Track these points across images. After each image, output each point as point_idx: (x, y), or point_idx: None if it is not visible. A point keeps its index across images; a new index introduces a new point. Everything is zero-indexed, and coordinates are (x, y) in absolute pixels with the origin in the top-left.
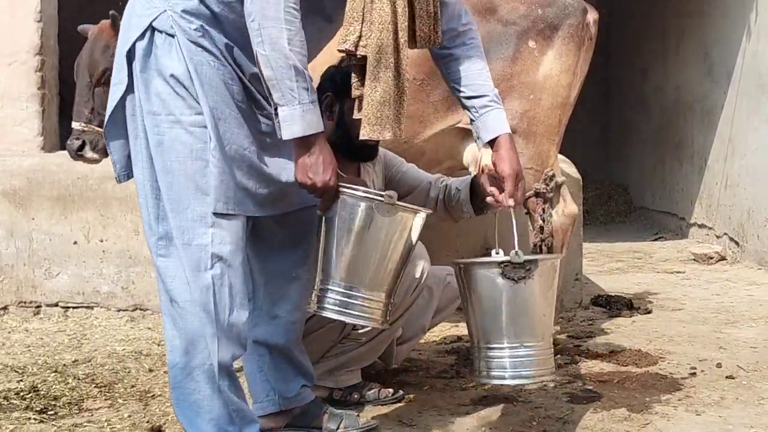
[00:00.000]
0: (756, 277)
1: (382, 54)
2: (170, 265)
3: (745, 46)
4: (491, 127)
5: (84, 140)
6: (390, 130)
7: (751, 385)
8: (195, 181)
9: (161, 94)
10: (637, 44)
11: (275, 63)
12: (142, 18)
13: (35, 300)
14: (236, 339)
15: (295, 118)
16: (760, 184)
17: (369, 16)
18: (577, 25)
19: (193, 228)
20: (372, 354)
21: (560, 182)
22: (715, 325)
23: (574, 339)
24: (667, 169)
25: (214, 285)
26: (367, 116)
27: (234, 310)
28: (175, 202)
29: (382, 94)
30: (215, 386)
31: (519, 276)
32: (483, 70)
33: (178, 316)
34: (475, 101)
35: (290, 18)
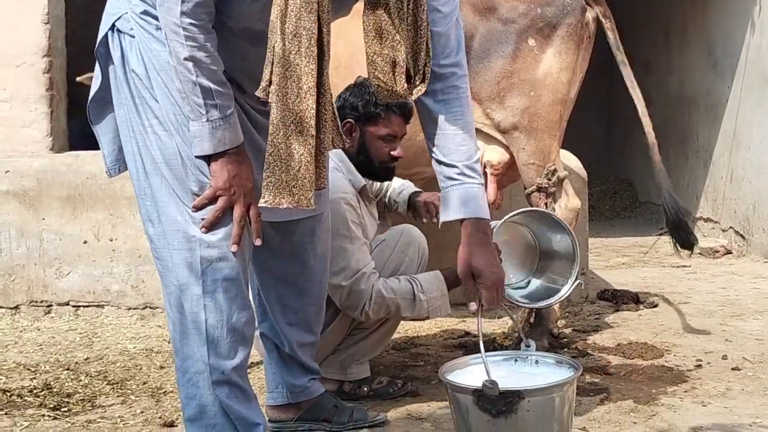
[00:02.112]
0: (762, 270)
1: (286, 106)
2: (164, 270)
3: (749, 40)
4: (452, 206)
5: None
6: (288, 198)
7: (757, 377)
8: (183, 183)
9: (135, 95)
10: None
11: (182, 77)
12: (108, 17)
13: (46, 299)
14: (239, 342)
15: (204, 134)
16: (765, 178)
17: (279, 58)
18: (576, 23)
19: (181, 231)
20: (381, 343)
21: (562, 177)
22: (720, 317)
23: (581, 333)
24: (672, 163)
25: (205, 294)
26: (266, 177)
27: (234, 314)
28: (164, 205)
29: (271, 152)
30: (216, 395)
31: (498, 410)
32: (458, 132)
33: (177, 323)
34: (444, 169)
35: (191, 35)
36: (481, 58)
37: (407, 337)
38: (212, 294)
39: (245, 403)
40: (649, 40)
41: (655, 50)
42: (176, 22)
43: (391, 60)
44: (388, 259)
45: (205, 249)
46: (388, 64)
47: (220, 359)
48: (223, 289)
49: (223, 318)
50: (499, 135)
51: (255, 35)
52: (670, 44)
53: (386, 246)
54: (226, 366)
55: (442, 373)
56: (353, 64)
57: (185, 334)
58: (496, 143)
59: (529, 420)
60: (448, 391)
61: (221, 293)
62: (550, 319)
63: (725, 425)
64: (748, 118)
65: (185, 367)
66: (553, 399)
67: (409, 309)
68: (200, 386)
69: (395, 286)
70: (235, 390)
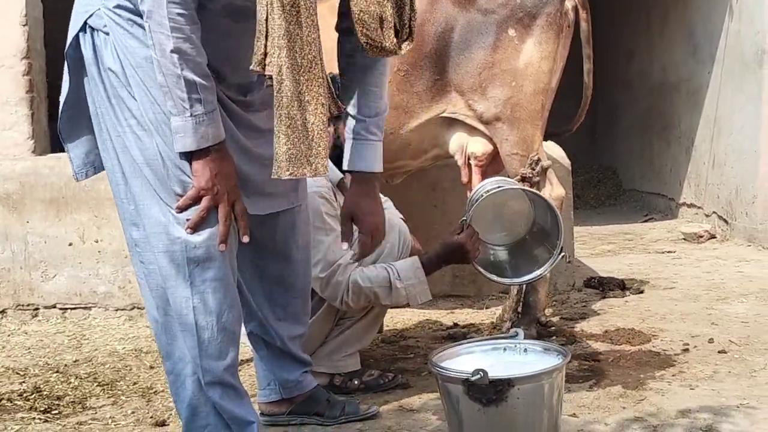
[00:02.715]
0: (745, 254)
1: (283, 77)
2: (148, 274)
3: (728, 25)
4: (352, 158)
5: None
6: (307, 168)
7: (743, 359)
8: (165, 183)
9: (111, 95)
10: (621, 27)
11: (166, 70)
12: (78, 16)
13: (33, 302)
14: (230, 341)
15: (187, 130)
16: (747, 162)
17: (271, 29)
18: (555, 12)
19: (165, 233)
20: (369, 331)
21: (546, 166)
22: (706, 302)
23: (568, 321)
24: (655, 150)
25: (193, 295)
26: (276, 153)
27: (224, 314)
28: (146, 207)
29: (287, 124)
30: (207, 395)
31: (488, 399)
32: (376, 90)
33: (164, 327)
34: (352, 121)
35: (177, 26)
36: (462, 49)
37: (396, 330)
38: (201, 295)
39: (237, 401)
40: (630, 29)
41: (636, 38)
42: (162, 12)
43: (378, 16)
44: None
45: (192, 250)
46: (375, 20)
47: (212, 360)
48: (211, 289)
49: (213, 319)
50: (481, 126)
51: (237, 11)
52: (651, 32)
53: None
54: (218, 367)
55: (432, 362)
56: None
57: (173, 337)
58: (479, 134)
59: (520, 407)
60: (438, 381)
61: (210, 294)
62: (537, 308)
63: (713, 407)
64: (729, 103)
65: (177, 370)
66: (542, 386)
67: (387, 297)
68: (191, 388)
69: (372, 275)
70: (227, 390)
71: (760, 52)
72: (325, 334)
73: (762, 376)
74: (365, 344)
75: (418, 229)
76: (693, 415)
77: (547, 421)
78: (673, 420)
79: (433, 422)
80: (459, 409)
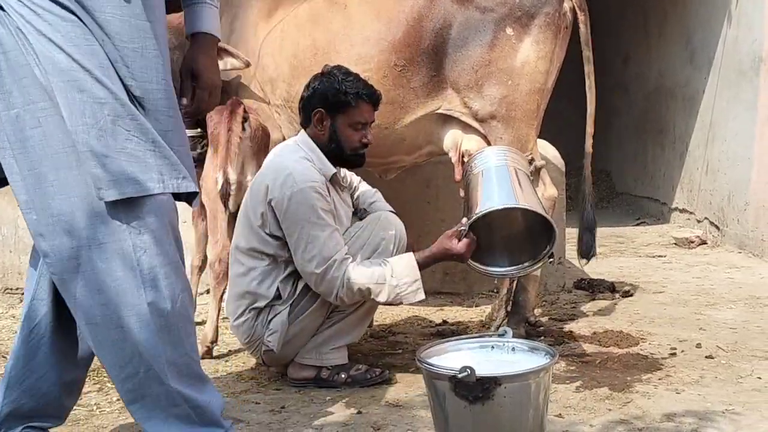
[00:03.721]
0: (736, 261)
1: None
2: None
3: (726, 32)
4: (193, 20)
5: (206, 144)
6: None
7: (730, 365)
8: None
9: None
10: (618, 30)
11: None
12: None
13: (21, 286)
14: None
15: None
16: (740, 170)
17: None
18: (553, 12)
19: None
20: (359, 326)
21: (540, 166)
22: (695, 307)
23: (557, 321)
24: (649, 154)
25: (145, 288)
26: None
27: (177, 300)
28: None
29: None
30: (172, 386)
31: (475, 396)
32: None
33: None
34: None
35: None
36: (459, 46)
37: (385, 325)
38: (152, 282)
39: (200, 387)
40: (628, 32)
41: (633, 42)
42: None
43: None
44: (365, 243)
45: (134, 237)
46: None
47: (177, 348)
48: (163, 274)
49: (168, 305)
50: (476, 124)
51: None
52: (648, 36)
53: (364, 230)
54: (180, 353)
55: (420, 358)
56: (331, 51)
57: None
58: (474, 132)
59: (506, 406)
60: (426, 377)
61: (162, 280)
62: (526, 307)
63: (698, 412)
64: (724, 110)
65: (139, 365)
66: (529, 385)
67: (381, 294)
68: (155, 379)
69: (367, 271)
70: (191, 379)
71: (757, 59)
72: (316, 328)
73: (748, 383)
74: (354, 339)
75: (412, 225)
76: (678, 419)
77: (533, 421)
78: (658, 423)
79: (420, 418)
80: (445, 406)
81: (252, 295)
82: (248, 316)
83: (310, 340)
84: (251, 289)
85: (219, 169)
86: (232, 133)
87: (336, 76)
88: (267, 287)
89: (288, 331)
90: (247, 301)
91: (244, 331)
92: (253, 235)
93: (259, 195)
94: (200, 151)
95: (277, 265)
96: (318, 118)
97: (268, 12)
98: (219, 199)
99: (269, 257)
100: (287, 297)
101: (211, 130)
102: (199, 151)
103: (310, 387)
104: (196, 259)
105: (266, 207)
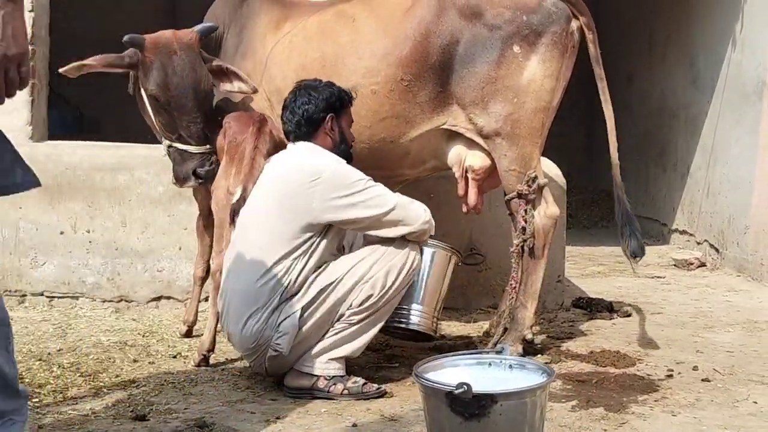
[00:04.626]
0: (734, 284)
1: None
2: None
3: (730, 55)
4: None
5: (215, 160)
6: None
7: (726, 389)
8: None
9: None
10: (623, 50)
11: None
12: None
13: (20, 289)
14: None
15: None
16: (741, 193)
17: None
18: (561, 32)
19: None
20: (360, 339)
21: (542, 184)
22: (693, 329)
23: (555, 339)
24: (650, 175)
25: None
26: None
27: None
28: None
29: None
30: None
31: (471, 413)
32: None
33: None
34: None
35: None
36: (466, 63)
37: (382, 338)
38: None
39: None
40: (632, 52)
41: (637, 62)
42: None
43: None
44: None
45: None
46: None
47: None
48: None
49: None
50: (481, 140)
51: None
52: (652, 56)
53: None
54: None
55: (417, 373)
56: (338, 63)
57: None
58: (478, 148)
59: (501, 423)
60: (422, 392)
61: None
62: (525, 325)
63: None
64: (726, 133)
65: None
66: (525, 403)
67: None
68: None
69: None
70: None
71: (760, 84)
72: (321, 334)
73: (744, 407)
74: (354, 354)
75: None
76: None
77: None
78: None
79: None
80: (441, 422)
81: (270, 291)
82: (258, 317)
83: (311, 348)
84: (272, 284)
85: (240, 183)
86: (258, 151)
87: (318, 85)
88: (294, 278)
89: (297, 334)
90: (260, 301)
91: (251, 335)
92: (286, 227)
93: (302, 183)
94: (208, 168)
95: (304, 256)
96: (331, 125)
97: (276, 23)
98: (228, 210)
99: (298, 248)
100: (303, 291)
101: (229, 140)
102: (207, 168)
103: (305, 398)
104: (199, 270)
105: (310, 195)
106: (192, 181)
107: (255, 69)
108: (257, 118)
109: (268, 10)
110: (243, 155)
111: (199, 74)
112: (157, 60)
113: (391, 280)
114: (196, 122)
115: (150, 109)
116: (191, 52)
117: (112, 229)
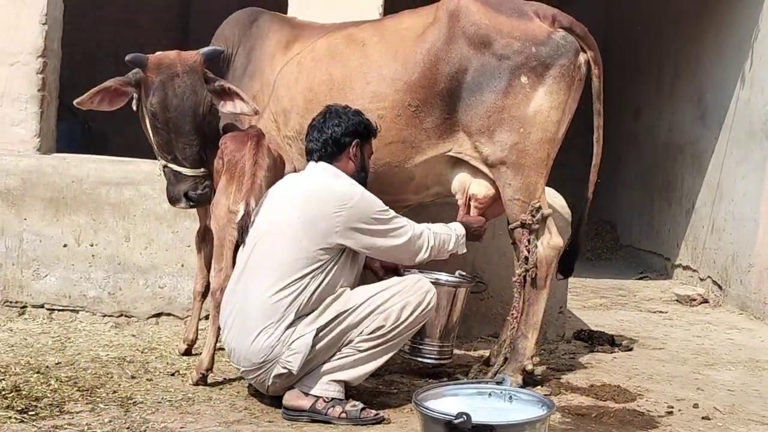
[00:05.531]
0: (737, 322)
1: None
2: None
3: (738, 93)
4: None
5: (208, 185)
6: None
7: (727, 427)
8: None
9: None
10: (631, 82)
11: None
12: None
13: (21, 300)
14: None
15: None
16: (746, 231)
17: None
18: (569, 64)
19: None
20: (363, 367)
21: (546, 214)
22: (694, 366)
23: (555, 371)
24: (655, 209)
25: None
26: None
27: None
28: None
29: None
30: None
31: None
32: None
33: None
34: None
35: None
36: (474, 91)
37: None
38: None
39: None
40: (640, 86)
41: (646, 96)
42: None
43: None
44: None
45: None
46: None
47: None
48: None
49: None
50: (486, 169)
51: None
52: (660, 91)
53: None
54: None
55: (416, 401)
56: (346, 87)
57: None
58: (483, 177)
59: None
60: (421, 420)
61: None
62: (525, 355)
63: None
64: (732, 170)
65: None
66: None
67: (450, 241)
68: None
69: (442, 227)
70: None
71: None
72: (326, 358)
73: None
74: (355, 381)
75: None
76: None
77: None
78: None
79: None
80: None
81: (285, 307)
82: (270, 332)
83: (314, 369)
84: (288, 300)
85: (242, 200)
86: (258, 166)
87: (348, 111)
88: (308, 295)
89: (308, 354)
90: (275, 316)
91: (260, 349)
92: (306, 245)
93: (330, 206)
94: (200, 192)
95: (320, 274)
96: (355, 151)
97: (285, 44)
98: (228, 228)
99: (315, 266)
100: (319, 312)
101: (227, 159)
102: (199, 192)
103: (303, 420)
104: (199, 285)
105: (336, 218)
106: (183, 203)
107: (263, 90)
108: (253, 133)
109: (277, 30)
110: (243, 172)
111: (199, 97)
112: (159, 80)
113: (405, 315)
114: (192, 145)
115: (149, 127)
116: (194, 74)
117: (115, 244)
